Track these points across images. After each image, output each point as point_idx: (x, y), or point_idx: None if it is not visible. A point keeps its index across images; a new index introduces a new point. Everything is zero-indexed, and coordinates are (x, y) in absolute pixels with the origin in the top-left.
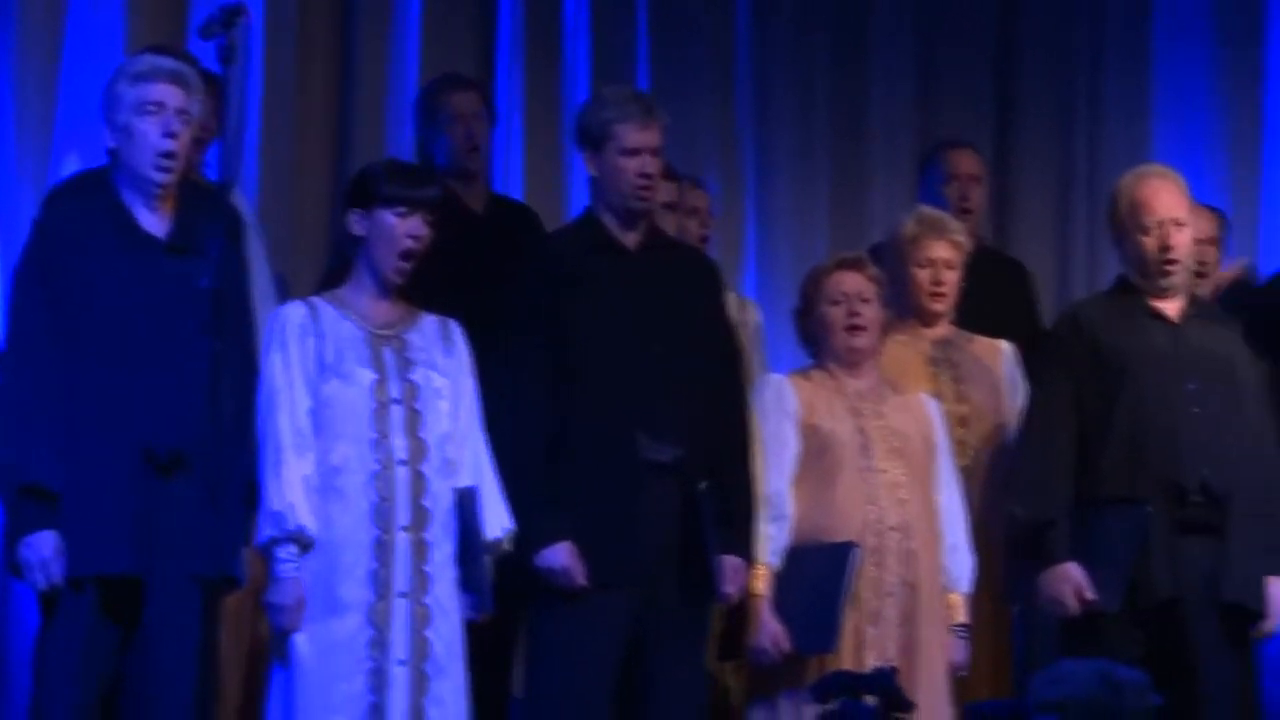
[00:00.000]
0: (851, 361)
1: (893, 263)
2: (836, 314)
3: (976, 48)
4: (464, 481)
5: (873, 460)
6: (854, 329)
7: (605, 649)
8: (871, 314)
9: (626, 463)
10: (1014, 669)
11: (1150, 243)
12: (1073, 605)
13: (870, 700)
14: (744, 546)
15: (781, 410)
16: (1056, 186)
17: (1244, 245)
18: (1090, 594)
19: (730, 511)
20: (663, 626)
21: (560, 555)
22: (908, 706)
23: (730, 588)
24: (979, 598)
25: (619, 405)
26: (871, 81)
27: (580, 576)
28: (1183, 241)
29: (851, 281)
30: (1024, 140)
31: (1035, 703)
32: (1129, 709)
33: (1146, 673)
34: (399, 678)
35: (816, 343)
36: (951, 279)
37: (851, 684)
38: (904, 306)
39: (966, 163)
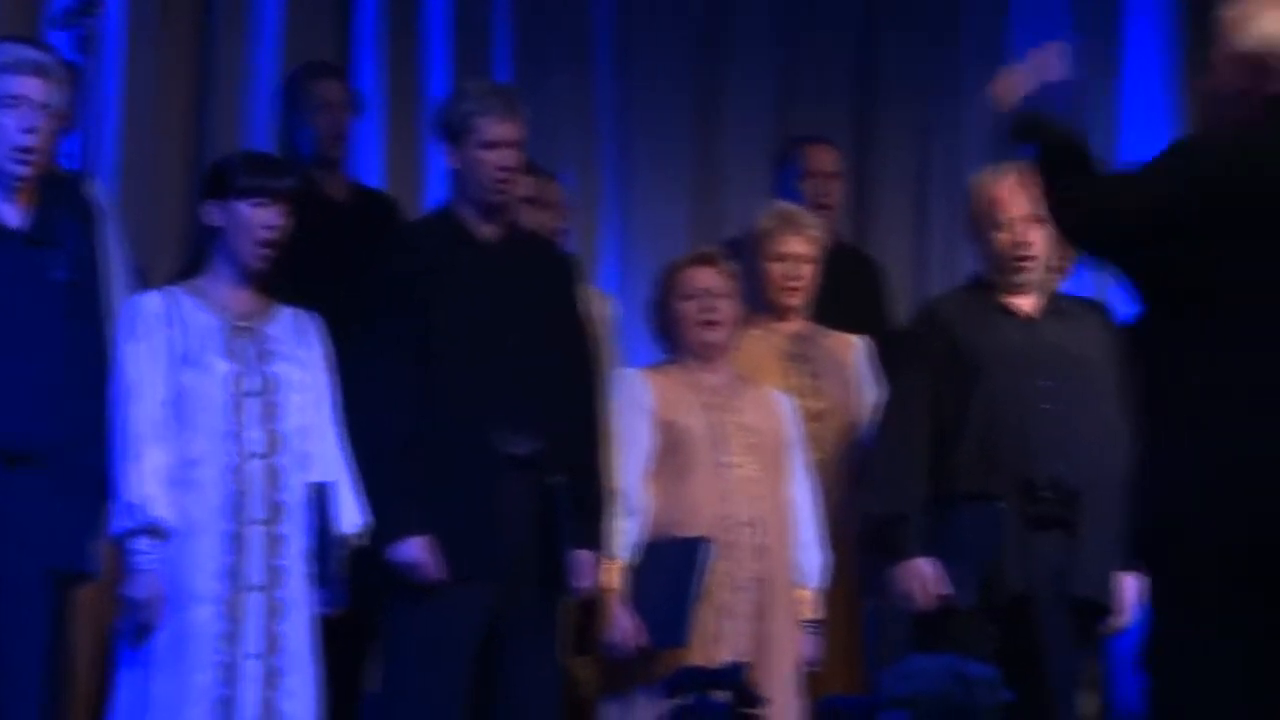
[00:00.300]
0: (706, 357)
1: (748, 257)
2: (691, 309)
3: (836, 44)
4: (319, 476)
5: (726, 456)
6: (709, 324)
7: (461, 643)
8: (726, 309)
9: (483, 456)
10: (866, 665)
11: (1005, 239)
12: (925, 601)
13: (721, 695)
14: (597, 541)
15: (636, 405)
16: (915, 183)
17: None
18: (943, 589)
19: (584, 506)
20: (518, 620)
21: (416, 549)
22: (758, 702)
23: (583, 582)
24: (833, 593)
25: (476, 399)
26: (731, 76)
27: (436, 570)
28: (1037, 238)
29: (706, 277)
30: (882, 136)
31: (886, 698)
32: (979, 704)
33: (998, 668)
34: (250, 671)
35: (671, 338)
36: (806, 274)
37: (702, 679)
38: (759, 301)
39: (823, 159)
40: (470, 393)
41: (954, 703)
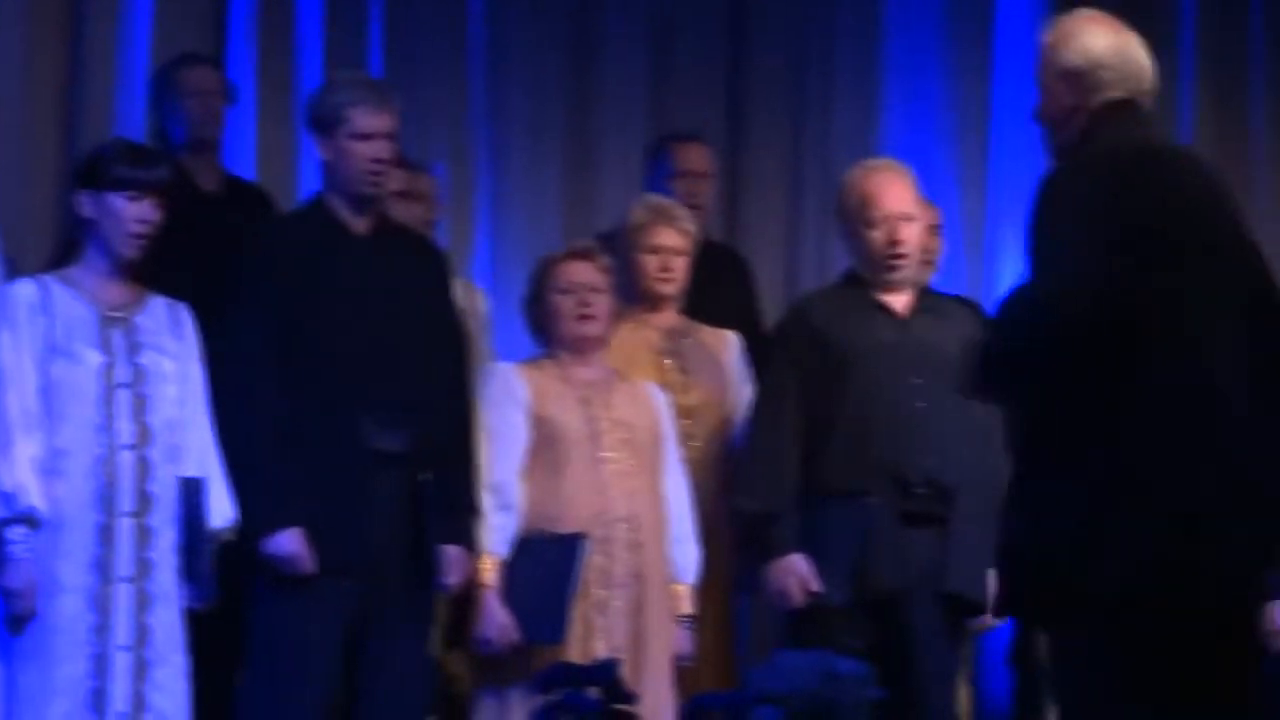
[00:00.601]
0: (581, 351)
1: (621, 251)
2: (567, 303)
3: (709, 40)
4: (189, 468)
5: (601, 451)
6: (584, 318)
7: (328, 636)
8: (601, 304)
9: (352, 450)
10: (738, 661)
11: (878, 237)
12: (798, 597)
13: (593, 692)
14: (466, 536)
15: (510, 399)
16: (788, 181)
17: (971, 237)
18: (815, 586)
19: (453, 501)
20: (387, 614)
21: (288, 542)
22: (629, 698)
23: (451, 578)
24: (705, 589)
25: (345, 393)
26: (605, 71)
27: (308, 563)
28: (910, 236)
29: (582, 271)
30: (755, 134)
31: (755, 694)
32: (848, 701)
33: (871, 665)
34: (121, 663)
35: (546, 331)
36: (680, 265)
37: (574, 676)
38: (632, 295)
39: (695, 158)
40: (340, 387)
41: (823, 699)
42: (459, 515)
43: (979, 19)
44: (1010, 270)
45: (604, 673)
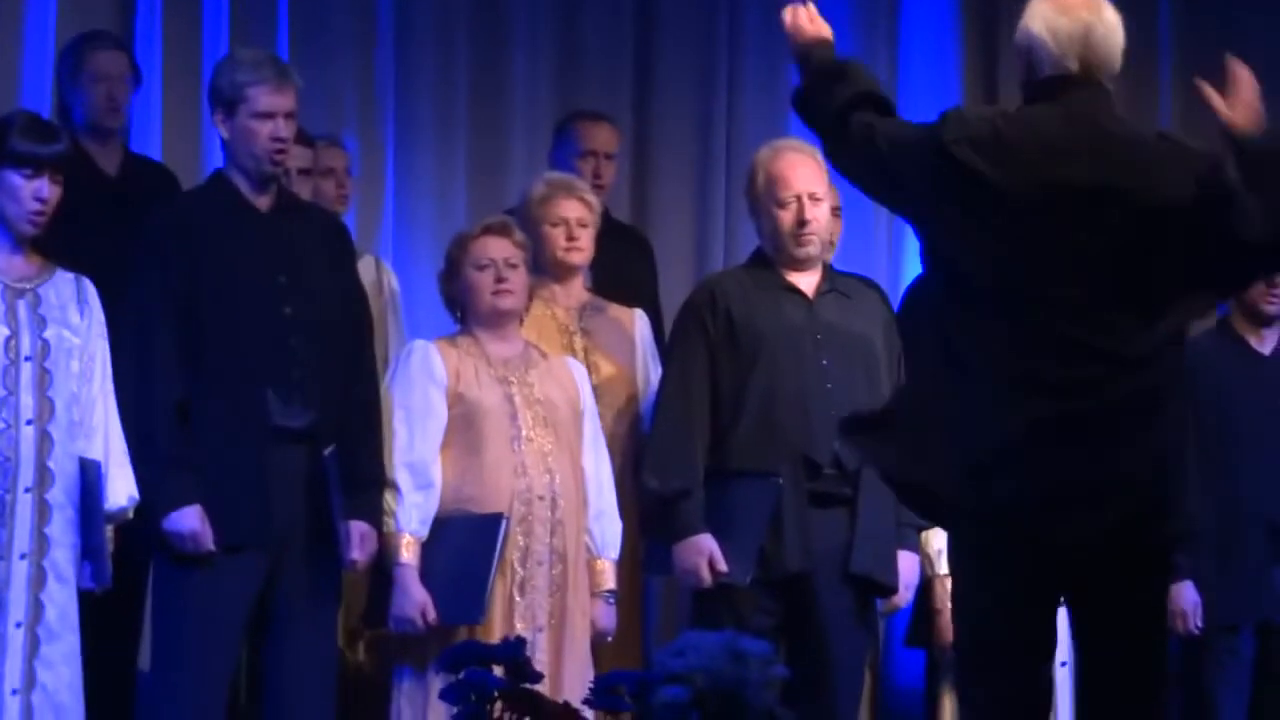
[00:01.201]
0: (498, 325)
1: (526, 225)
2: (483, 279)
3: (616, 19)
4: (91, 446)
5: (521, 429)
6: (501, 292)
7: (233, 613)
8: (518, 279)
9: (255, 427)
10: (646, 640)
11: (787, 216)
12: (705, 577)
13: (499, 671)
14: (372, 512)
15: (429, 377)
16: (696, 162)
17: (876, 219)
18: (722, 566)
19: (358, 477)
20: (292, 591)
21: (189, 519)
22: (536, 678)
23: (356, 554)
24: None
25: (249, 368)
26: (513, 47)
27: (209, 540)
28: (819, 215)
29: (498, 246)
30: (663, 115)
31: (661, 674)
32: (754, 680)
33: (778, 644)
34: (15, 640)
35: (463, 308)
36: (585, 236)
37: (480, 654)
38: (541, 268)
39: (601, 137)
40: (243, 363)
41: (729, 678)
42: (364, 491)
43: (886, 6)
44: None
45: (510, 651)
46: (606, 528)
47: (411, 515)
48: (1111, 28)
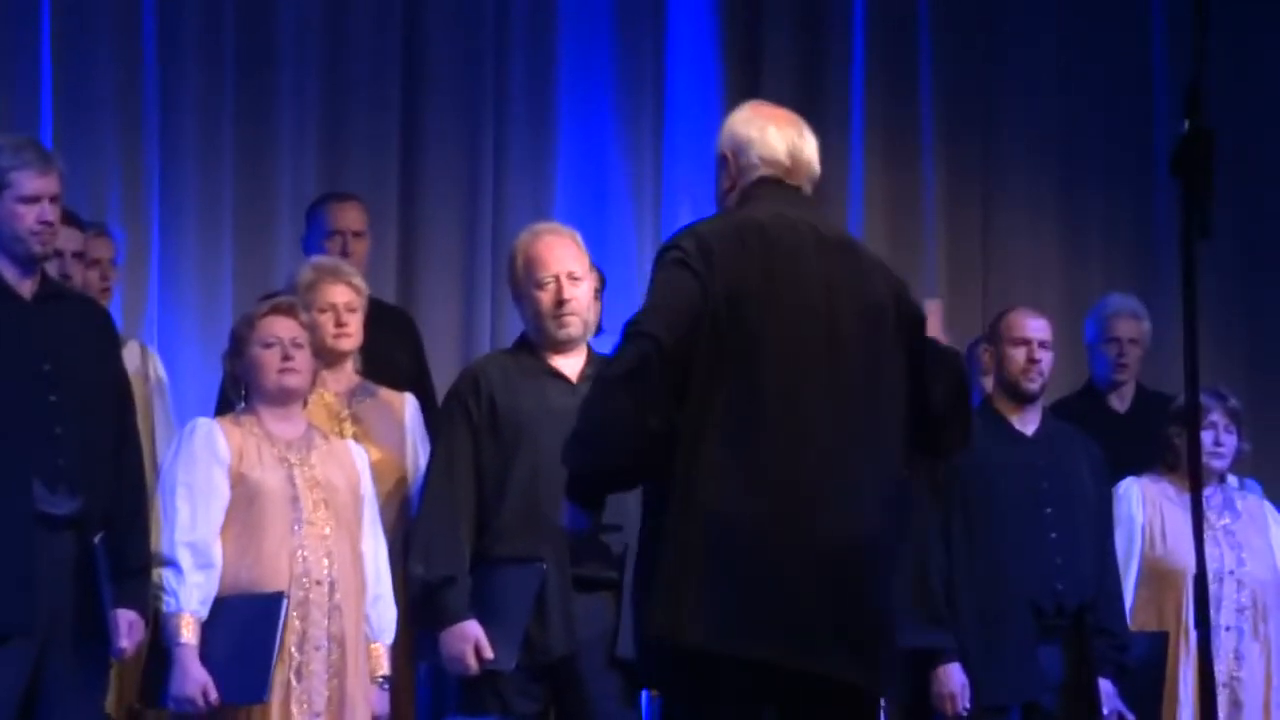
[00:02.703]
0: (282, 403)
1: None
2: (269, 357)
3: (382, 103)
4: None
5: (301, 512)
6: (286, 370)
7: (1, 703)
8: (303, 359)
9: (20, 515)
10: None
11: (545, 297)
12: (471, 664)
13: None
14: (139, 599)
15: (212, 455)
16: (462, 243)
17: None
18: (488, 653)
19: (125, 564)
20: (58, 680)
21: None
22: None
23: (125, 641)
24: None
25: (11, 456)
26: (279, 128)
27: None
28: (578, 295)
29: (284, 326)
30: (429, 198)
31: None
32: None
33: None
34: None
35: (247, 386)
36: (354, 321)
37: None
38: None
39: (348, 216)
40: (7, 450)
41: None
42: (132, 578)
43: (651, 70)
44: None
45: None
46: (383, 612)
47: (192, 595)
48: (809, 138)
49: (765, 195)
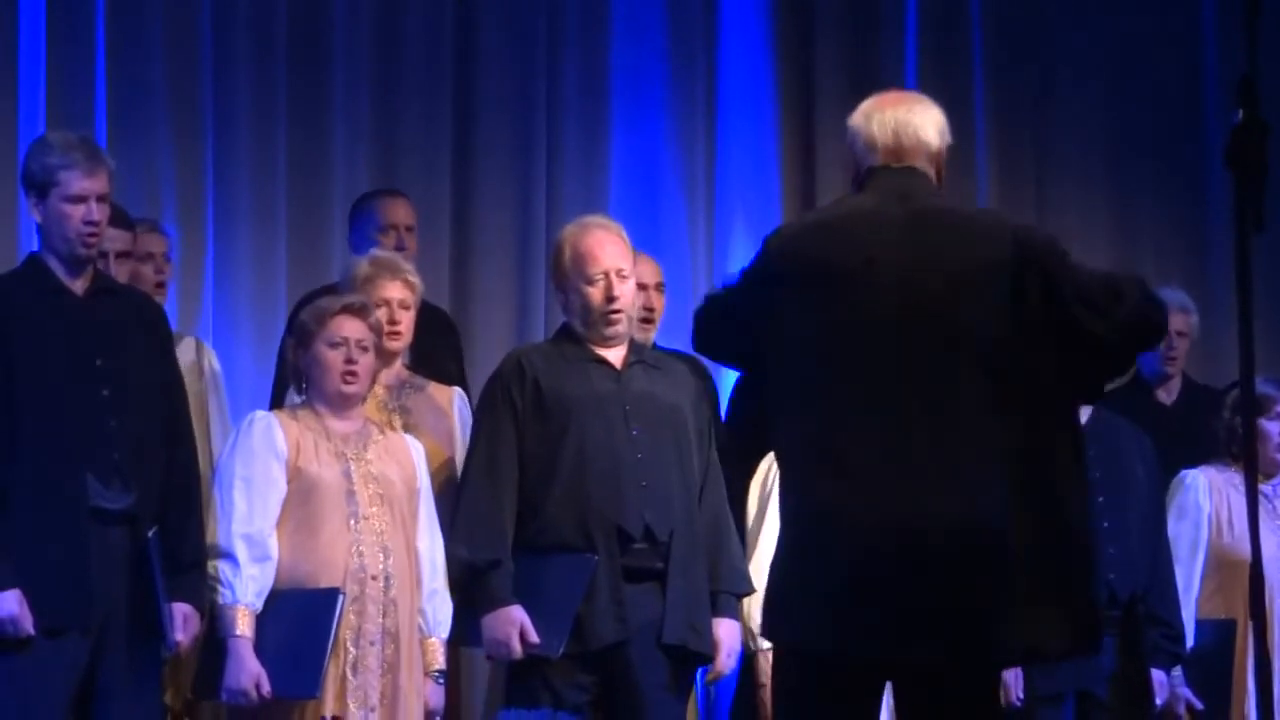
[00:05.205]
0: (341, 406)
1: None
2: (334, 357)
3: (435, 101)
4: None
5: (357, 507)
6: (349, 376)
7: (55, 697)
8: (366, 362)
9: (74, 509)
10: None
11: (595, 293)
12: (516, 649)
13: None
14: (194, 593)
15: (270, 449)
16: (515, 241)
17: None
18: (534, 638)
19: (179, 558)
20: (114, 674)
21: (7, 603)
22: None
23: (180, 635)
24: None
25: (66, 452)
26: (332, 126)
27: (28, 625)
28: (625, 292)
29: (353, 327)
30: (482, 193)
31: None
32: None
33: (594, 718)
34: None
35: (309, 381)
36: (406, 319)
37: None
38: None
39: (401, 211)
40: (60, 446)
41: None
42: (186, 572)
43: (704, 87)
44: None
45: None
46: (439, 607)
47: (248, 587)
48: (921, 114)
49: (868, 184)
